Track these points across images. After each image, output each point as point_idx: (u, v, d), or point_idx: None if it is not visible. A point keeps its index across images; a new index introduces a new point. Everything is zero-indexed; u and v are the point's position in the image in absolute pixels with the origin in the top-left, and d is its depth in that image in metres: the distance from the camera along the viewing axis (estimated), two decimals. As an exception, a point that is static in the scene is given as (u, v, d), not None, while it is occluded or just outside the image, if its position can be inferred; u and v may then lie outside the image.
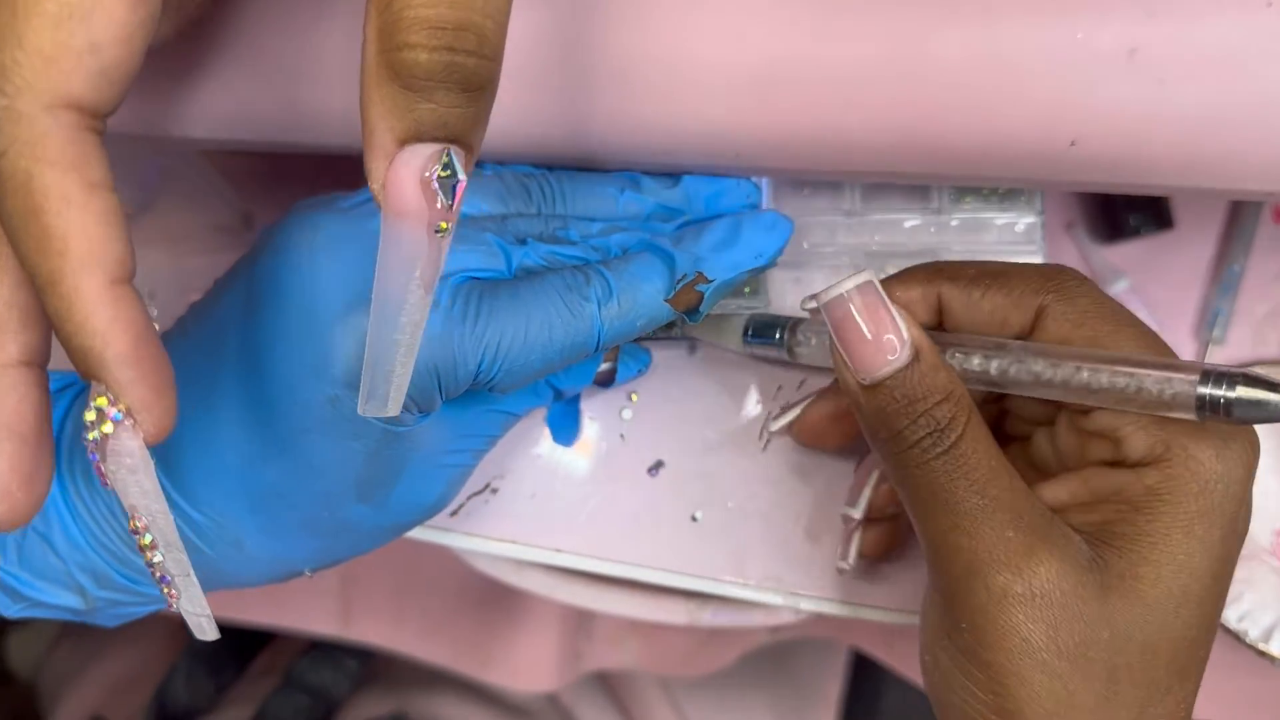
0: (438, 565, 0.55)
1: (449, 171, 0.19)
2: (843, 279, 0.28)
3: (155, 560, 0.22)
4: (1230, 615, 0.45)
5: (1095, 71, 0.27)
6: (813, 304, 0.29)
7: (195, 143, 0.32)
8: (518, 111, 0.29)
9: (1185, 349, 0.48)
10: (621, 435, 0.38)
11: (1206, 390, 0.23)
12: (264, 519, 0.28)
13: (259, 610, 0.56)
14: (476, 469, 0.38)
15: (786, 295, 0.37)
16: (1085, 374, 0.25)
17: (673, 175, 0.33)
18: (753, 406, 0.38)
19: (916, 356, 0.27)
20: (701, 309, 0.31)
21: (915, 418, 0.27)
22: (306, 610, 0.56)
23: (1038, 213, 0.37)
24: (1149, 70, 0.27)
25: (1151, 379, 0.24)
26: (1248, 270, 0.47)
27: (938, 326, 0.30)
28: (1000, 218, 0.37)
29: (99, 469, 0.21)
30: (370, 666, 0.64)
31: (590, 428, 0.38)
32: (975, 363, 0.28)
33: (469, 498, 0.38)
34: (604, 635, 0.57)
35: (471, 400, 0.31)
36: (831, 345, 0.28)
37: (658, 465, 0.38)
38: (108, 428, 0.20)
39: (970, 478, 0.27)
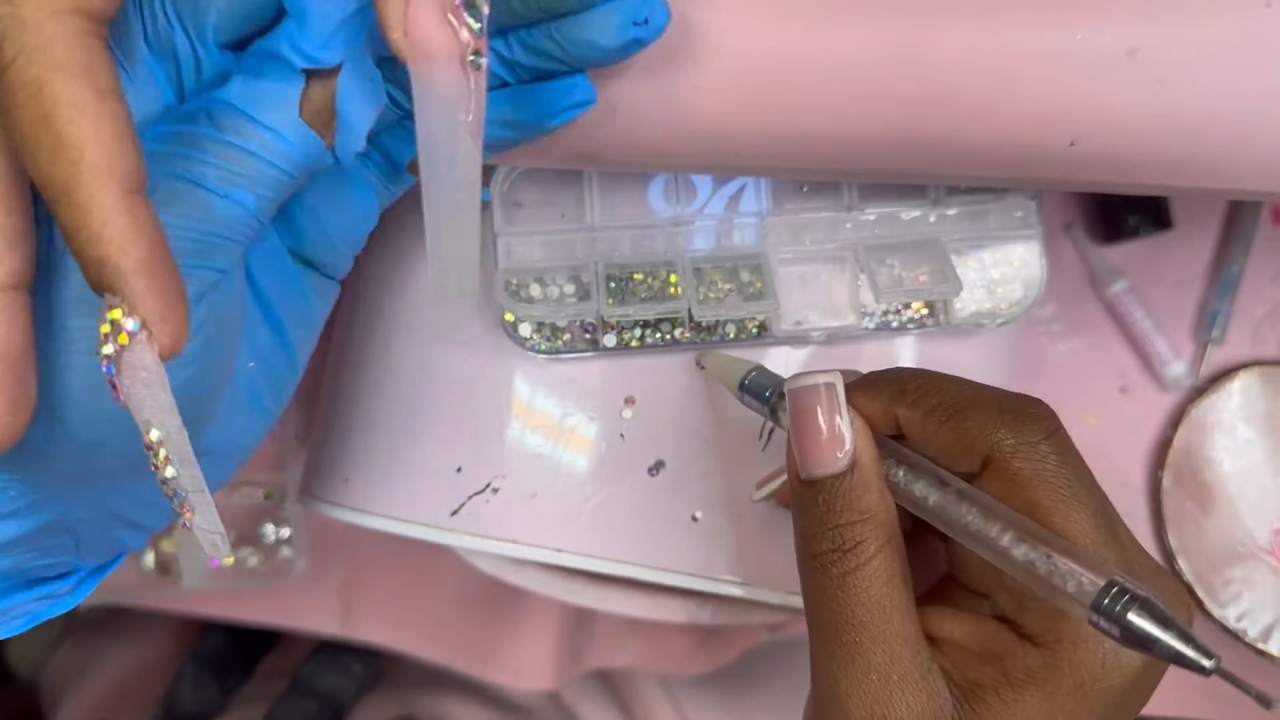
0: (438, 565, 0.55)
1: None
2: (816, 372, 0.28)
3: (168, 476, 0.21)
4: (1229, 615, 0.45)
5: (1095, 72, 0.27)
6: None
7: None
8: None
9: (1185, 349, 0.48)
10: (621, 435, 0.38)
11: (1104, 601, 0.22)
12: None
13: (260, 610, 0.56)
14: (477, 468, 0.38)
15: (792, 292, 0.37)
16: (1005, 540, 0.25)
17: None
18: (753, 406, 0.38)
19: (852, 469, 0.27)
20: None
21: (827, 529, 0.27)
22: (307, 610, 0.56)
23: (1032, 195, 0.37)
24: (1149, 70, 0.27)
25: (1062, 569, 0.24)
26: (1246, 271, 0.47)
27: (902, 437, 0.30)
28: (997, 204, 0.37)
29: (112, 383, 0.20)
30: (376, 670, 0.64)
31: (590, 428, 0.38)
32: (918, 489, 0.27)
33: (469, 497, 0.38)
34: (604, 635, 0.57)
35: None
36: (789, 430, 0.29)
37: (658, 465, 0.38)
38: (123, 340, 0.19)
39: (856, 610, 0.26)
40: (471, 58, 0.19)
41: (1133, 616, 0.22)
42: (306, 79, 0.22)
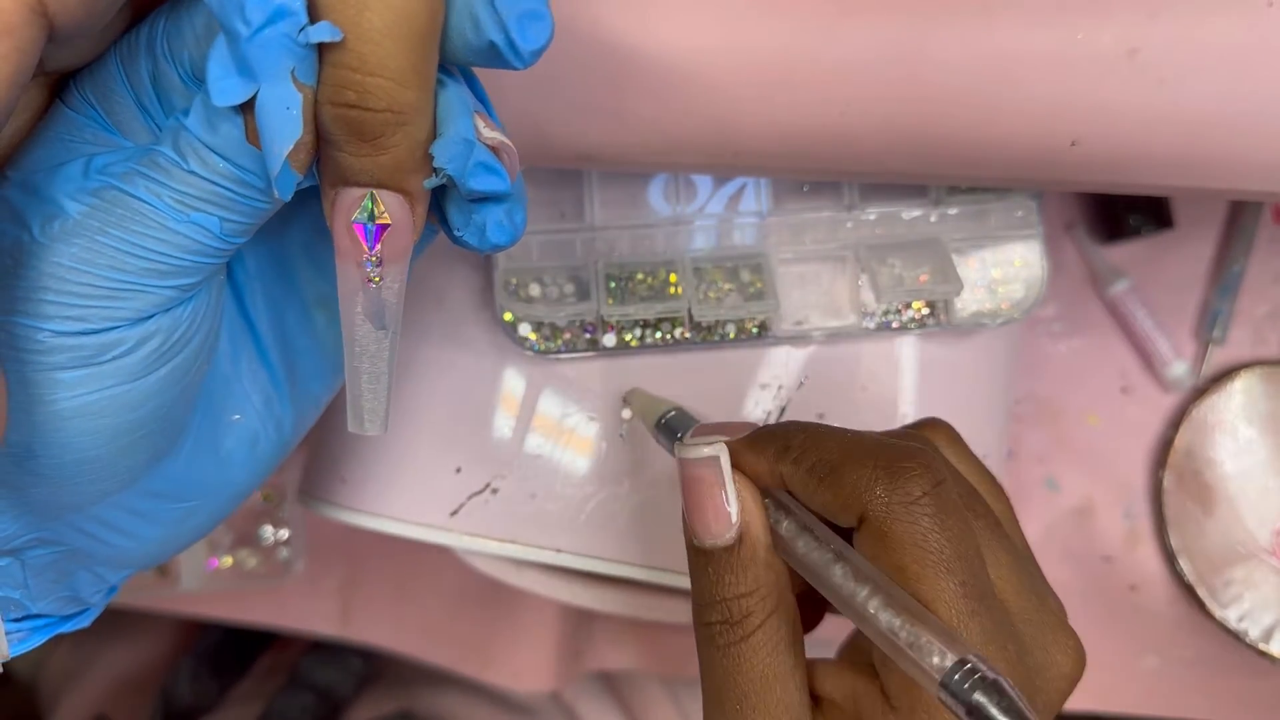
0: (437, 566, 0.55)
1: (369, 214, 0.21)
2: (702, 442, 0.27)
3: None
4: (1230, 615, 0.45)
5: (1096, 71, 0.27)
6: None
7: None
8: (513, 111, 0.29)
9: (1186, 349, 0.48)
10: (621, 435, 0.38)
11: (954, 679, 0.22)
12: None
13: (259, 611, 0.56)
14: (477, 468, 0.38)
15: (792, 292, 0.37)
16: (870, 606, 0.24)
17: None
18: (753, 406, 0.38)
19: (739, 542, 0.27)
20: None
21: (715, 601, 0.27)
22: (306, 611, 0.56)
23: (1034, 195, 0.37)
24: (1150, 70, 0.27)
25: (922, 642, 0.23)
26: (1248, 270, 0.47)
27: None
28: (998, 204, 0.37)
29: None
30: (375, 665, 0.64)
31: (590, 428, 0.38)
32: (800, 546, 0.26)
33: (469, 498, 0.38)
34: (604, 635, 0.57)
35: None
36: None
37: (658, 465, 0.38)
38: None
39: (739, 680, 0.26)
40: (369, 269, 0.22)
41: (979, 697, 0.21)
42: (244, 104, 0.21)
